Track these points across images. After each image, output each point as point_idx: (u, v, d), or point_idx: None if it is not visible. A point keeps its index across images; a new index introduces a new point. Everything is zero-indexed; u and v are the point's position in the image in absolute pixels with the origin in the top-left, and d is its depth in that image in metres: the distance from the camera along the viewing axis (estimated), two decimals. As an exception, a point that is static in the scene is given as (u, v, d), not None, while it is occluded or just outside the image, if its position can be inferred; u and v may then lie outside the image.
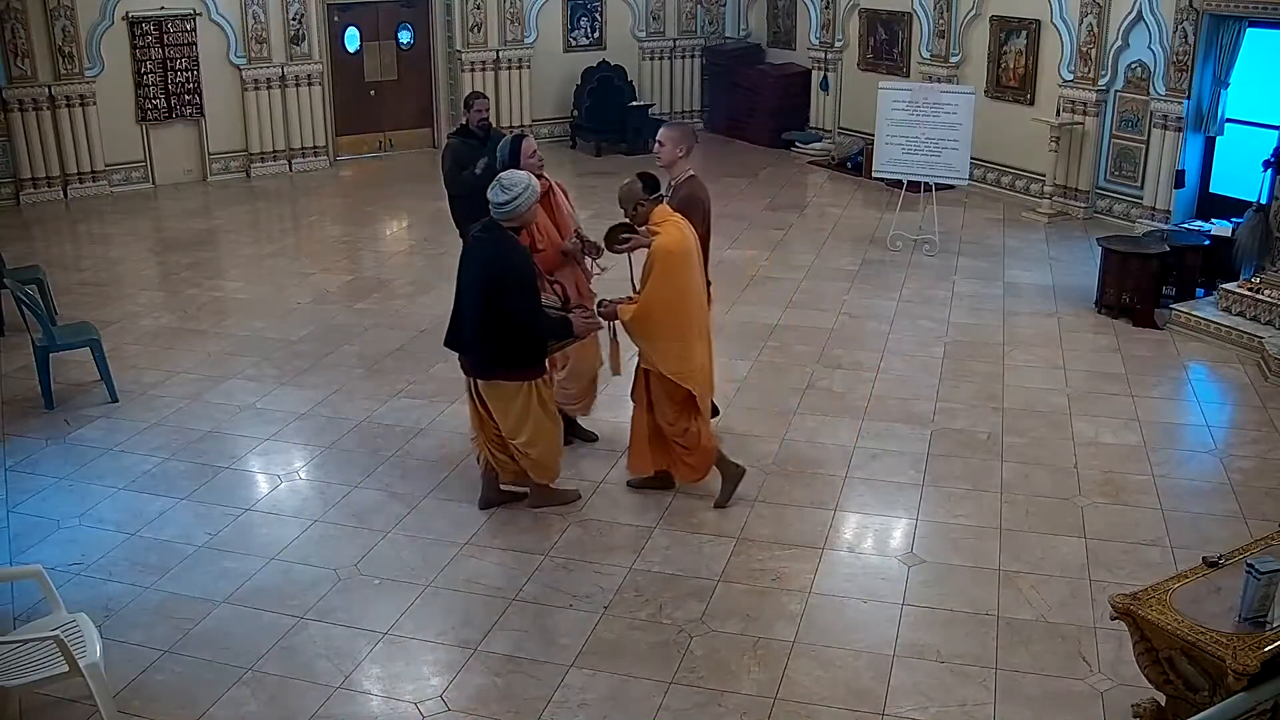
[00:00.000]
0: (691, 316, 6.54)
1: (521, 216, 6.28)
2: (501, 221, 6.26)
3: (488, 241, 6.30)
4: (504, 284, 6.19)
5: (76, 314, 9.74)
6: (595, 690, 5.32)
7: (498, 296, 6.20)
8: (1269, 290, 9.40)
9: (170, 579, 6.19)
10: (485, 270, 6.25)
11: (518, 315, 6.22)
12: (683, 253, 6.44)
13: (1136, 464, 7.44)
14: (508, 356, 6.33)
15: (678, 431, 6.69)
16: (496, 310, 6.21)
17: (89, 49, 13.74)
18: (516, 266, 6.23)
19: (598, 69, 16.66)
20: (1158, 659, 4.38)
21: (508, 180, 6.25)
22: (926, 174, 11.88)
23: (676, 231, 6.46)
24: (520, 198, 6.20)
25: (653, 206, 6.50)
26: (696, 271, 6.59)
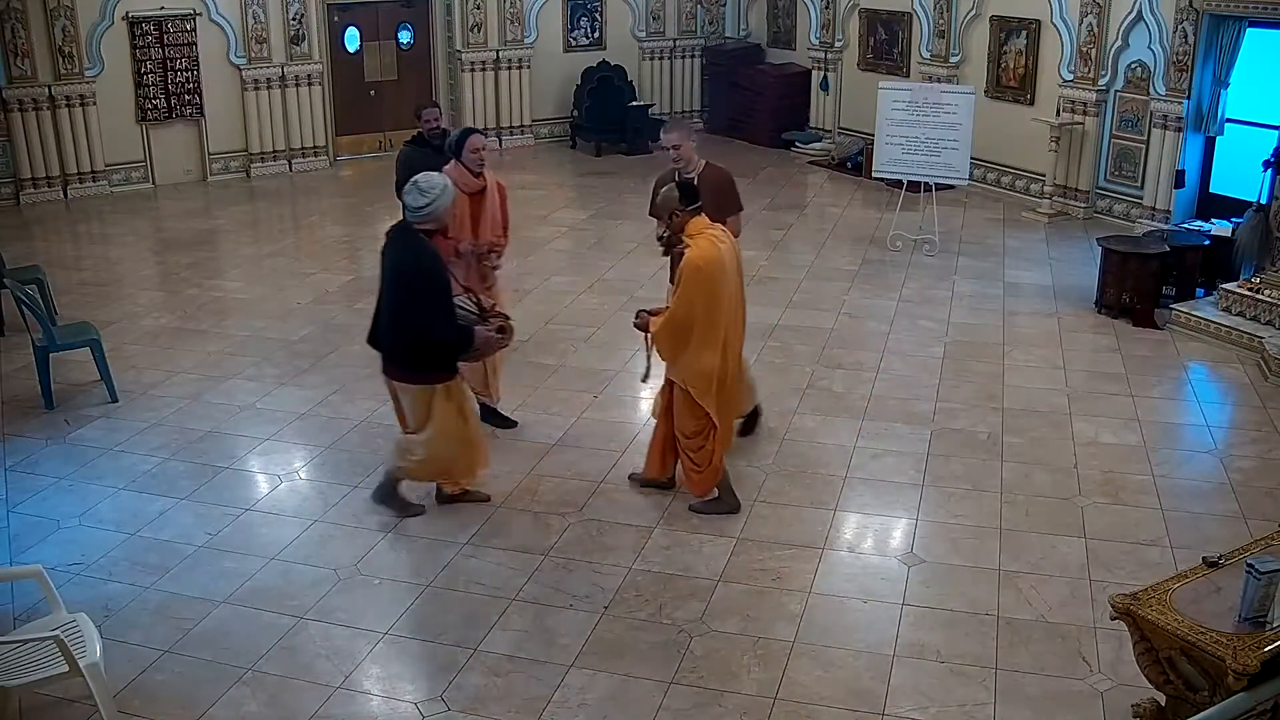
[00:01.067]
0: (711, 330, 6.41)
1: (438, 219, 6.27)
2: (415, 224, 6.24)
3: (400, 244, 6.30)
4: (412, 287, 6.21)
5: (76, 314, 9.74)
6: (595, 690, 5.32)
7: (406, 299, 6.23)
8: (1269, 290, 9.40)
9: (170, 579, 6.19)
10: (395, 273, 6.29)
11: (423, 319, 6.21)
12: (712, 266, 6.33)
13: (1136, 464, 7.44)
14: (415, 358, 6.34)
15: (693, 446, 6.65)
16: (405, 312, 6.25)
17: (89, 49, 13.74)
18: (426, 270, 6.21)
19: (598, 69, 16.67)
20: (1158, 659, 4.38)
21: (425, 183, 6.23)
22: (926, 174, 11.88)
23: (708, 244, 6.35)
24: (436, 201, 6.19)
25: (689, 217, 6.40)
26: (728, 285, 6.43)
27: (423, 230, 6.24)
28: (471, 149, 7.27)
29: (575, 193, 14.78)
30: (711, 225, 6.49)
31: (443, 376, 6.40)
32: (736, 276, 6.58)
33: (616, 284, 10.88)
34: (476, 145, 7.29)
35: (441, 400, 6.41)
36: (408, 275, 6.23)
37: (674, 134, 7.31)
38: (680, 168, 7.26)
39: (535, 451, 7.57)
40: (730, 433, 6.82)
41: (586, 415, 8.11)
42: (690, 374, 6.47)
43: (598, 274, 11.15)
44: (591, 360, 9.07)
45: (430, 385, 6.38)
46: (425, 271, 6.20)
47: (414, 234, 6.24)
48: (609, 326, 9.81)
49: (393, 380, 6.49)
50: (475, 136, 7.37)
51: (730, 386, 6.63)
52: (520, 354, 9.16)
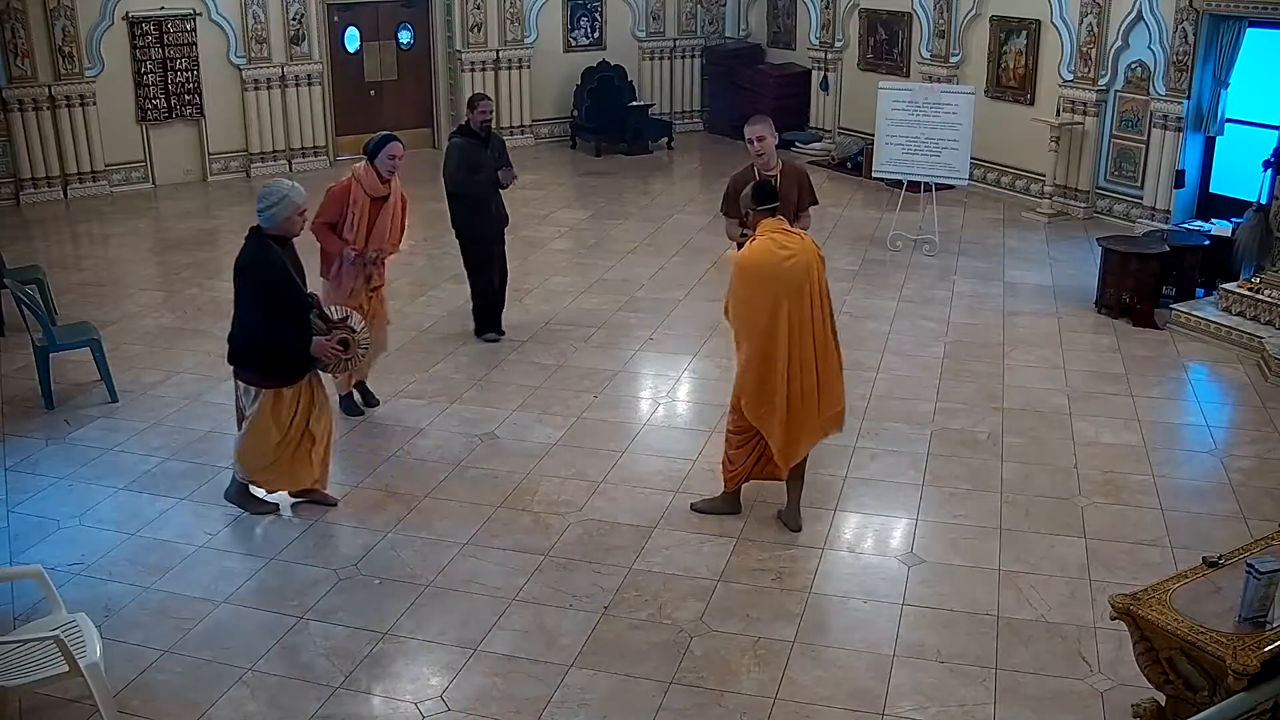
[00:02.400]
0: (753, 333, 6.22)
1: (280, 226, 6.28)
2: (264, 228, 6.28)
3: (244, 246, 6.37)
4: (249, 289, 6.32)
5: (76, 314, 9.74)
6: (595, 690, 5.32)
7: (244, 300, 6.36)
8: (1269, 290, 9.40)
9: (170, 579, 6.19)
10: (236, 273, 6.40)
11: (257, 321, 6.31)
12: (755, 270, 6.19)
13: (1136, 464, 7.44)
14: (247, 358, 6.46)
15: (736, 442, 6.55)
16: (241, 311, 6.39)
17: (89, 49, 13.74)
18: (264, 275, 6.26)
19: (598, 69, 16.67)
20: (1158, 659, 4.38)
21: (266, 189, 6.29)
22: (926, 174, 11.88)
23: (761, 247, 6.20)
24: (277, 206, 6.22)
25: (760, 218, 6.32)
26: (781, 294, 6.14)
27: (271, 235, 6.28)
28: (389, 155, 7.52)
29: (575, 193, 14.78)
30: (784, 231, 6.32)
31: (275, 381, 6.46)
32: (806, 290, 6.21)
33: (616, 284, 10.88)
34: (394, 152, 7.54)
35: (269, 402, 6.48)
36: (248, 277, 6.34)
37: (759, 126, 7.22)
38: (762, 163, 7.23)
39: (535, 451, 7.57)
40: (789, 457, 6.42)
41: (586, 415, 8.11)
42: (740, 370, 6.39)
43: (598, 274, 11.15)
44: (591, 360, 9.07)
45: (261, 387, 6.48)
46: (261, 276, 6.27)
47: (259, 237, 6.30)
48: (609, 326, 9.81)
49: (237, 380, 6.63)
50: (395, 144, 7.59)
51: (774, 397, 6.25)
52: (520, 354, 9.17)
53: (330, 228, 7.58)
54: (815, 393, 6.33)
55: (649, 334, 9.63)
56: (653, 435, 7.86)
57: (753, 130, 7.24)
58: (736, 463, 6.65)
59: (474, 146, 8.86)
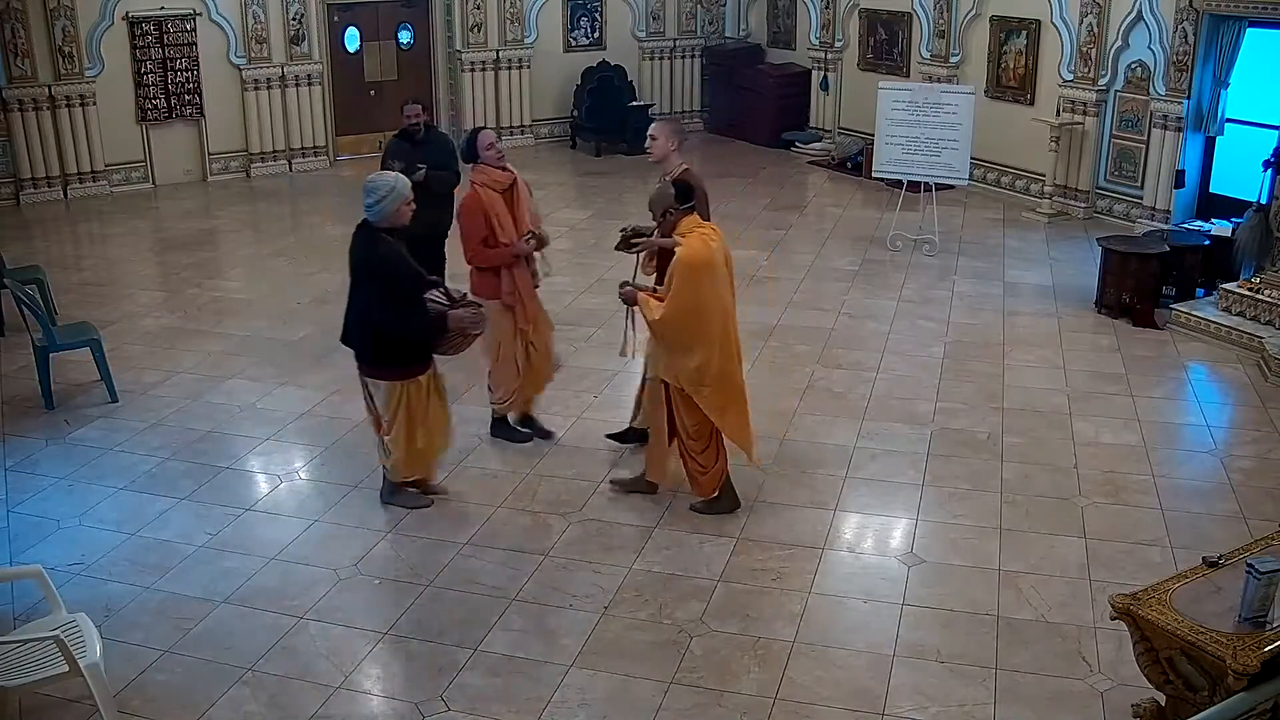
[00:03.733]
0: (703, 328, 6.42)
1: (389, 217, 6.29)
2: (373, 222, 6.29)
3: (358, 242, 6.39)
4: (371, 284, 6.30)
5: (76, 314, 9.73)
6: (595, 690, 5.32)
7: (367, 296, 6.33)
8: (1269, 290, 9.40)
9: (170, 579, 6.19)
10: (356, 270, 6.40)
11: (383, 314, 6.28)
12: (703, 265, 6.34)
13: (1136, 464, 7.44)
14: (380, 354, 6.42)
15: (697, 447, 6.64)
16: (367, 309, 6.34)
17: (89, 49, 13.74)
18: (383, 267, 6.27)
19: (598, 69, 16.67)
20: (1158, 659, 4.38)
21: (372, 183, 6.29)
22: (926, 174, 11.88)
23: (700, 243, 6.37)
24: (385, 199, 6.24)
25: (681, 216, 6.43)
26: (720, 284, 6.45)
27: (381, 229, 6.29)
28: (485, 146, 7.31)
29: (575, 193, 14.78)
30: (703, 224, 6.51)
31: (411, 372, 6.46)
32: (728, 279, 6.58)
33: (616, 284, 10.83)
34: (488, 140, 7.34)
35: (409, 396, 6.48)
36: (365, 272, 6.33)
37: (657, 125, 7.30)
38: (653, 161, 7.26)
39: (535, 451, 7.57)
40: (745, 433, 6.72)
41: (586, 415, 8.11)
42: (682, 371, 6.46)
43: (598, 274, 11.14)
44: (591, 360, 9.07)
45: (397, 381, 6.45)
46: (379, 268, 6.27)
47: (371, 231, 6.31)
48: (609, 326, 9.79)
49: (365, 377, 6.57)
50: (484, 134, 7.41)
51: (734, 385, 6.59)
52: (520, 354, 9.16)
53: (485, 244, 7.21)
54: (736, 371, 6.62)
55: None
56: (653, 435, 7.85)
57: (651, 129, 7.30)
58: (709, 464, 6.69)
59: (398, 146, 9.04)
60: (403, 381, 6.47)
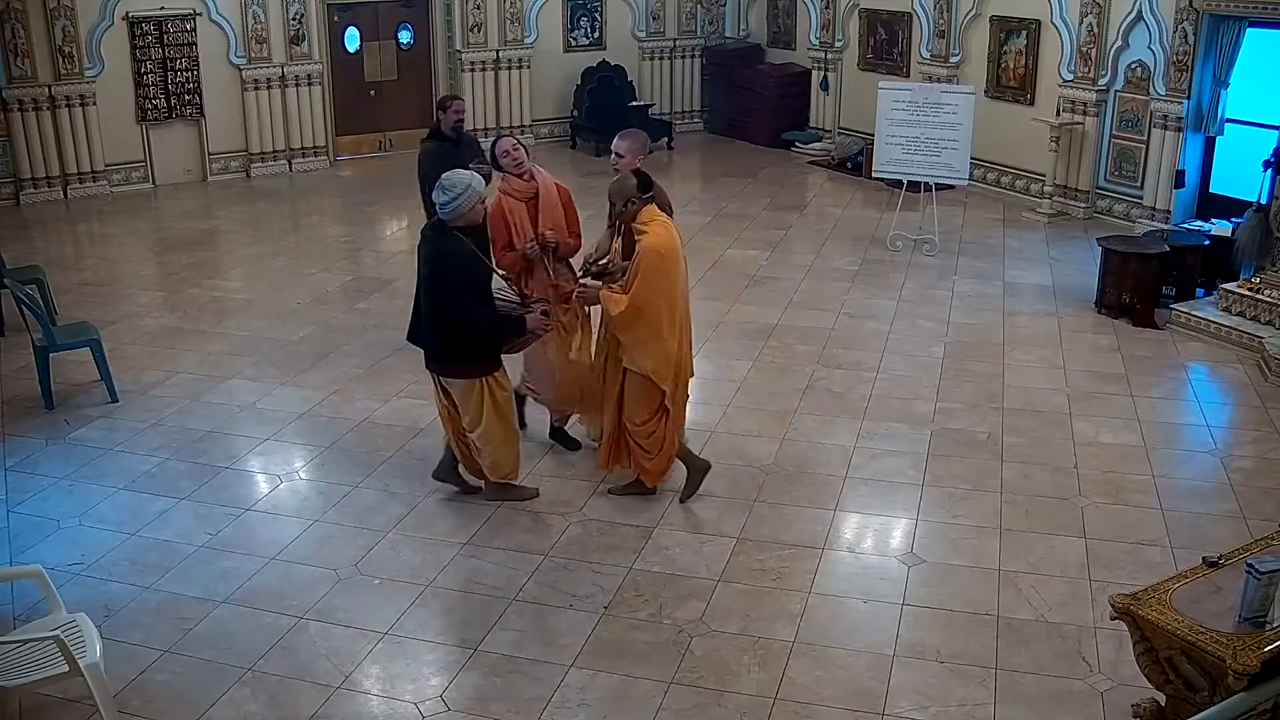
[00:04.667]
0: (672, 315, 6.55)
1: (464, 216, 6.31)
2: (447, 221, 6.32)
3: (433, 240, 6.40)
4: (447, 281, 6.31)
5: (76, 314, 9.73)
6: (595, 690, 5.32)
7: (442, 293, 6.33)
8: (1269, 290, 9.40)
9: (170, 579, 6.19)
10: (430, 268, 6.40)
11: (461, 311, 6.30)
12: (668, 253, 6.48)
13: (1136, 464, 7.44)
14: (458, 351, 6.43)
15: (643, 433, 6.70)
16: (443, 306, 6.34)
17: (89, 49, 13.74)
18: (458, 265, 6.29)
19: (598, 69, 16.66)
20: (1158, 659, 4.38)
21: (448, 181, 6.30)
22: (926, 174, 11.88)
23: (664, 231, 6.50)
24: (460, 198, 6.25)
25: (643, 205, 6.53)
26: (680, 271, 6.63)
27: (455, 228, 6.32)
28: (502, 152, 7.27)
29: (575, 193, 14.60)
30: (659, 214, 6.59)
31: (485, 369, 6.50)
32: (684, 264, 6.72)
33: (616, 284, 10.85)
34: (505, 147, 7.30)
35: (488, 393, 6.52)
36: (439, 271, 6.34)
37: (624, 143, 7.22)
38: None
39: (535, 451, 7.56)
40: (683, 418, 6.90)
41: (586, 415, 8.10)
42: (654, 360, 6.52)
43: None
44: (591, 360, 9.06)
45: (474, 379, 6.47)
46: (455, 266, 6.30)
47: (445, 230, 6.35)
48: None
49: (440, 376, 6.58)
50: (501, 140, 7.42)
51: (685, 372, 6.75)
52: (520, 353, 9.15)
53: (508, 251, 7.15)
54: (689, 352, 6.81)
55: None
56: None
57: (617, 146, 7.27)
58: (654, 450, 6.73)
59: (445, 149, 8.77)
60: (482, 377, 6.49)
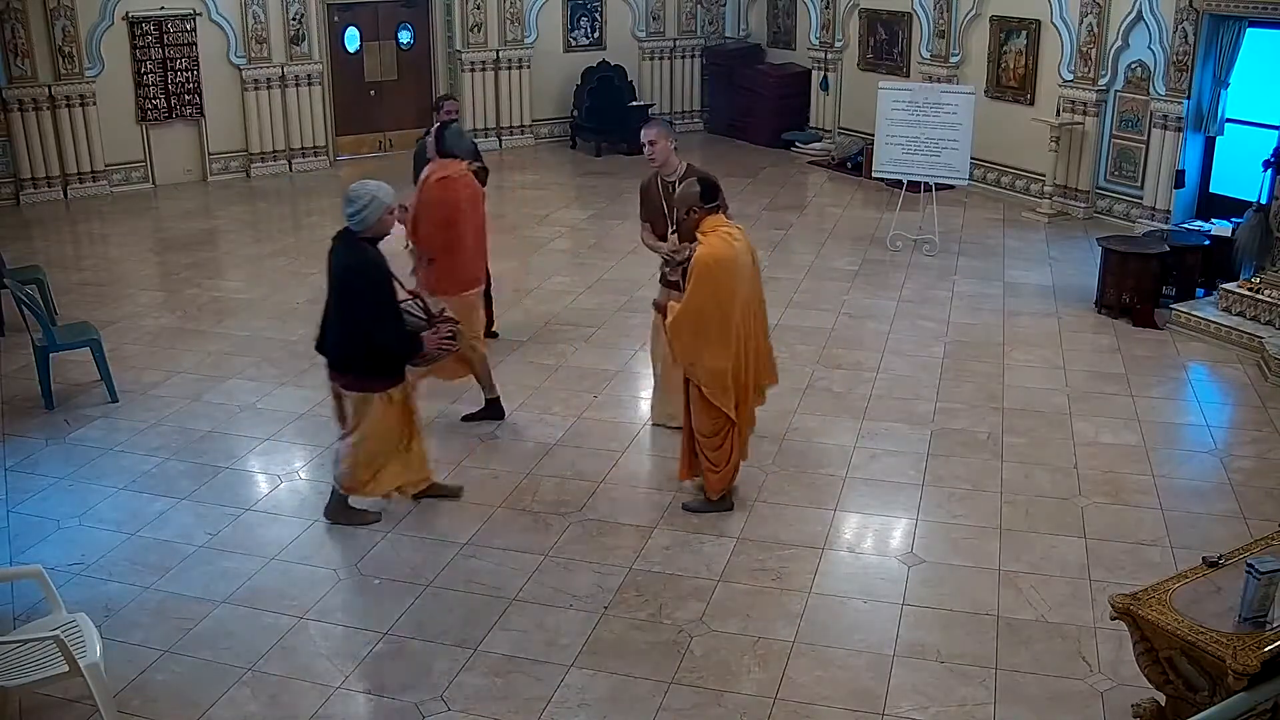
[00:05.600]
0: (724, 328, 6.39)
1: (372, 226, 6.22)
2: (355, 231, 6.22)
3: (341, 251, 6.29)
4: (355, 293, 6.20)
5: (76, 314, 9.74)
6: (595, 690, 5.32)
7: (351, 304, 6.23)
8: (1269, 290, 9.40)
9: (170, 579, 6.19)
10: (339, 278, 6.28)
11: (366, 324, 6.19)
12: (722, 264, 6.32)
13: (1136, 464, 7.44)
14: (360, 365, 6.32)
15: (711, 445, 6.63)
16: (345, 317, 6.24)
17: (89, 49, 13.74)
18: (367, 277, 6.19)
19: (598, 69, 16.66)
20: (1158, 659, 4.38)
21: (353, 192, 6.21)
22: (926, 174, 11.88)
23: (720, 242, 6.35)
24: (367, 208, 6.15)
25: (705, 215, 6.42)
26: (741, 284, 6.41)
27: (363, 238, 6.23)
28: None
29: (575, 193, 14.78)
30: (726, 223, 6.48)
31: (387, 383, 6.38)
32: (753, 276, 6.55)
33: (616, 284, 10.88)
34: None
35: (381, 407, 6.39)
36: (349, 282, 6.23)
37: (654, 129, 7.30)
38: (656, 168, 7.26)
39: (535, 451, 7.57)
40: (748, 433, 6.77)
41: (586, 415, 8.11)
42: (704, 373, 6.45)
43: (598, 274, 11.15)
44: (591, 360, 9.07)
45: (373, 392, 6.36)
46: (366, 278, 6.19)
47: (355, 241, 6.23)
48: (609, 326, 9.81)
49: (338, 386, 6.46)
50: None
51: (748, 387, 6.59)
52: (520, 354, 9.17)
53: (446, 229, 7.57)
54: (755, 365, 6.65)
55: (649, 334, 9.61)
56: (652, 435, 7.85)
57: (645, 134, 7.32)
58: (720, 464, 6.67)
59: None
60: (379, 394, 6.38)
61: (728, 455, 6.66)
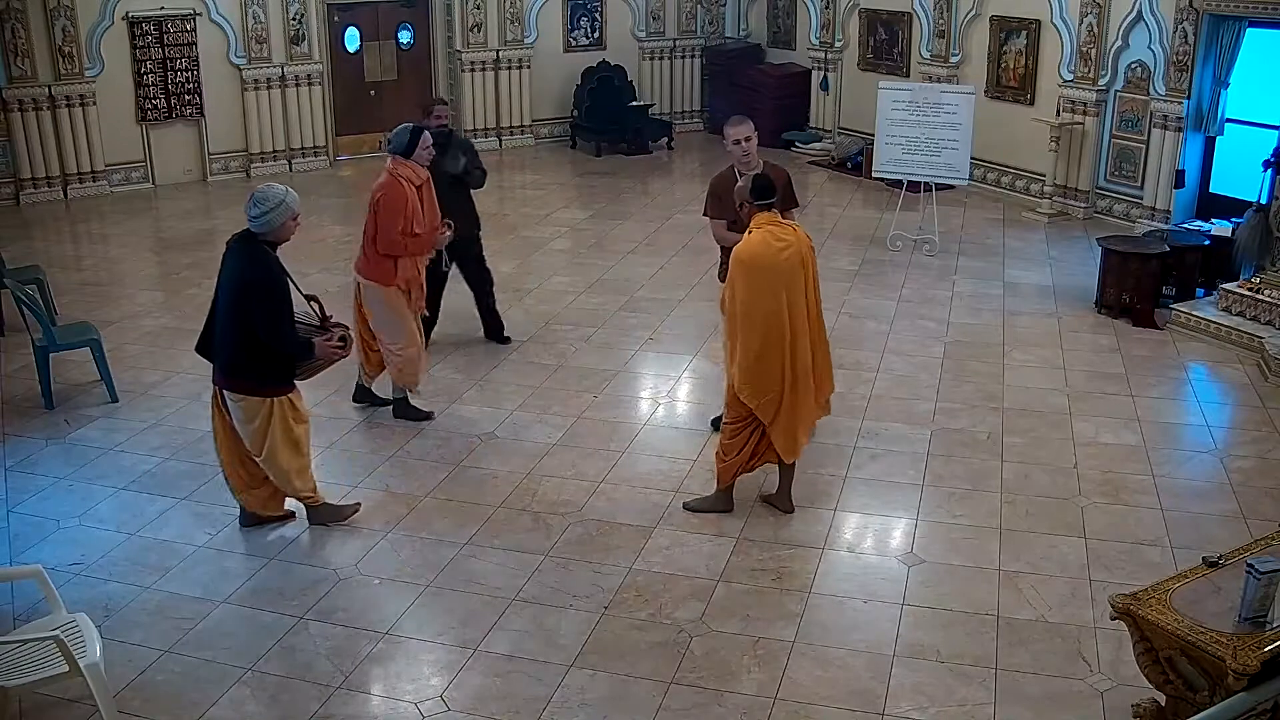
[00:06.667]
0: (757, 331, 6.33)
1: (275, 231, 6.16)
2: (257, 233, 6.15)
3: (239, 252, 6.20)
4: (251, 296, 6.11)
5: (76, 314, 9.74)
6: (595, 690, 5.32)
7: (244, 308, 6.13)
8: (1269, 290, 9.40)
9: (170, 579, 6.19)
10: (234, 280, 6.18)
11: (262, 329, 6.12)
12: (753, 262, 6.27)
13: (1136, 464, 7.44)
14: (251, 369, 6.24)
15: (729, 432, 6.61)
16: (242, 321, 6.15)
17: (89, 49, 13.74)
18: (265, 280, 6.11)
19: (598, 69, 16.66)
20: (1158, 659, 4.38)
21: (261, 194, 6.13)
22: (926, 174, 11.88)
23: (759, 240, 6.29)
24: (273, 211, 6.08)
25: (754, 211, 6.39)
26: (779, 284, 6.31)
27: (264, 241, 6.17)
28: (424, 146, 7.65)
29: (575, 193, 14.78)
30: (778, 224, 6.42)
31: (278, 390, 6.32)
32: (801, 279, 6.40)
33: (616, 284, 10.88)
34: (428, 142, 7.71)
35: (276, 415, 6.31)
36: (246, 285, 6.12)
37: (744, 126, 7.35)
38: (745, 162, 7.28)
39: (535, 451, 7.57)
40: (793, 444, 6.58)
41: (586, 415, 8.11)
42: (735, 367, 6.45)
43: (598, 274, 11.15)
44: (591, 360, 9.07)
45: (264, 398, 6.28)
46: (265, 283, 6.11)
47: (255, 243, 6.16)
48: (609, 326, 9.81)
49: (224, 391, 6.34)
50: (426, 134, 7.75)
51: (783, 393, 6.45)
52: (520, 354, 9.17)
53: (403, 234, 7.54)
54: (810, 378, 6.54)
55: (649, 334, 9.63)
56: (652, 435, 7.86)
57: (738, 131, 7.35)
58: (730, 454, 6.66)
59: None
60: (273, 398, 6.29)
61: (739, 447, 6.62)
